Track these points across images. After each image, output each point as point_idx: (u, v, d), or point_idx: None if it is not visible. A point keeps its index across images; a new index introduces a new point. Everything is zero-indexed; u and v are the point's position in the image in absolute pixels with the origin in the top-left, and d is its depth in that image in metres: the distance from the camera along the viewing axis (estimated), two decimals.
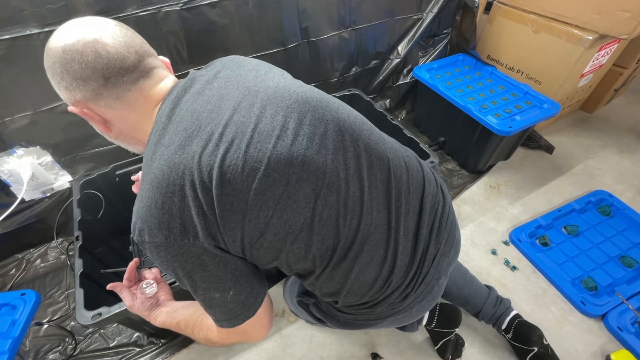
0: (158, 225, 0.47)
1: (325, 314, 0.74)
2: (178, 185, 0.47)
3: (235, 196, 0.47)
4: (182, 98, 0.53)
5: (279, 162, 0.48)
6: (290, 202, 0.50)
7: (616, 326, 1.08)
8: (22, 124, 1.03)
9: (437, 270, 0.65)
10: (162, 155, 0.48)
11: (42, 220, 1.25)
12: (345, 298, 0.62)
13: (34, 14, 0.88)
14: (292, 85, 0.57)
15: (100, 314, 0.79)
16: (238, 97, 0.52)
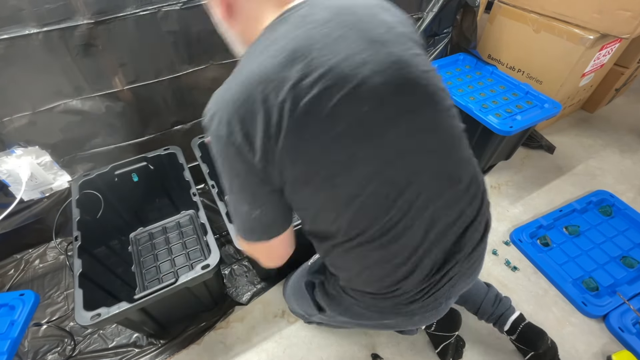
0: (227, 120, 0.49)
1: (329, 298, 0.74)
2: (262, 99, 0.47)
3: (303, 139, 0.49)
4: (307, 17, 0.51)
5: (357, 131, 0.50)
6: (352, 169, 0.51)
7: (617, 327, 1.08)
8: (21, 123, 1.03)
9: (450, 290, 0.65)
10: (263, 62, 0.49)
11: (40, 220, 1.25)
12: (352, 280, 0.64)
13: (33, 14, 0.88)
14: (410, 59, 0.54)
15: (99, 314, 0.79)
16: (355, 47, 0.50)
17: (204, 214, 1.00)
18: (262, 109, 0.47)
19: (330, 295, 0.73)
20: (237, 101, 0.49)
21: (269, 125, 0.48)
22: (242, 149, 0.49)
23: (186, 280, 0.85)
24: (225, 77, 1.45)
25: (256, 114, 0.48)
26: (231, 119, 0.49)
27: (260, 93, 0.47)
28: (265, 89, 0.47)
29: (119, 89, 1.10)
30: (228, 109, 0.49)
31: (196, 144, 1.22)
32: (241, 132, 0.49)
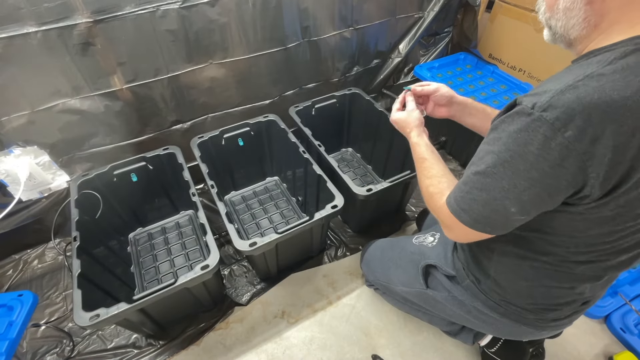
0: (585, 122, 0.42)
1: (457, 287, 0.78)
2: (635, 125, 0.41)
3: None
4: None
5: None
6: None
7: (619, 328, 1.08)
8: (20, 123, 1.03)
9: (580, 315, 0.72)
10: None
11: (39, 220, 1.25)
12: (511, 292, 0.67)
13: (32, 13, 0.88)
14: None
15: (98, 315, 0.79)
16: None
17: (203, 214, 1.00)
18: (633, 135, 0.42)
19: (464, 288, 0.77)
20: (622, 124, 0.42)
21: (636, 164, 0.43)
22: (587, 172, 0.44)
23: (185, 281, 0.85)
24: (225, 76, 1.45)
25: (631, 147, 0.42)
26: (602, 138, 0.42)
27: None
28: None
29: (118, 88, 1.10)
30: (605, 126, 0.42)
31: (195, 144, 1.22)
32: (603, 156, 0.43)
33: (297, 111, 1.35)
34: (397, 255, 0.98)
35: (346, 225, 1.41)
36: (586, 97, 0.42)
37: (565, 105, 0.43)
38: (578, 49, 0.53)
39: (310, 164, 1.17)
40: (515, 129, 0.47)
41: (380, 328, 1.12)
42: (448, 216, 0.58)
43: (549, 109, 0.43)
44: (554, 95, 0.44)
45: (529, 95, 0.47)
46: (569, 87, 0.44)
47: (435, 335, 1.10)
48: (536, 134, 0.45)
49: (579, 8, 0.49)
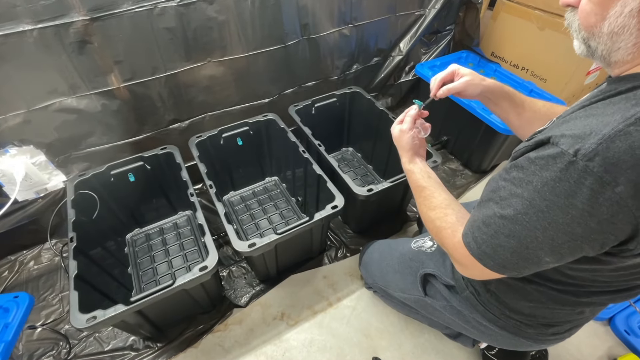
0: (630, 168, 0.37)
1: (455, 297, 0.77)
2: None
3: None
4: None
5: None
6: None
7: (623, 330, 1.08)
8: (15, 122, 1.03)
9: (580, 327, 0.72)
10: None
11: (35, 221, 1.25)
12: (515, 308, 0.67)
13: (27, 10, 0.88)
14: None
15: (95, 317, 0.79)
16: None
17: (201, 215, 1.00)
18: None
19: (463, 300, 0.76)
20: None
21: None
22: (638, 222, 0.40)
23: (183, 282, 0.85)
24: (223, 74, 1.45)
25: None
26: (627, 169, 0.38)
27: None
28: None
29: (115, 87, 1.10)
30: (624, 157, 0.38)
31: (194, 143, 1.22)
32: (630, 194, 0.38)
33: (296, 110, 1.35)
34: (396, 260, 0.97)
35: (346, 226, 1.41)
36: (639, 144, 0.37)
37: (616, 157, 0.38)
38: (618, 70, 0.47)
39: (310, 164, 1.17)
40: (552, 177, 0.42)
41: (381, 330, 1.12)
42: (465, 256, 0.54)
43: (596, 158, 0.38)
44: (601, 141, 0.39)
45: (567, 134, 0.42)
46: (619, 132, 0.38)
47: (437, 337, 1.10)
48: (581, 186, 0.40)
49: (631, 32, 0.42)
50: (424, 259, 0.87)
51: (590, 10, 0.44)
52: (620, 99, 0.43)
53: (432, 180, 0.69)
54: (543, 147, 0.45)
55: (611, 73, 0.48)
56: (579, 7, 0.46)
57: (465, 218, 0.58)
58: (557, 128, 0.45)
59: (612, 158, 0.38)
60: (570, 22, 0.50)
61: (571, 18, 0.49)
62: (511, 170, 0.48)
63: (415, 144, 0.75)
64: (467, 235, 0.54)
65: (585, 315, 0.66)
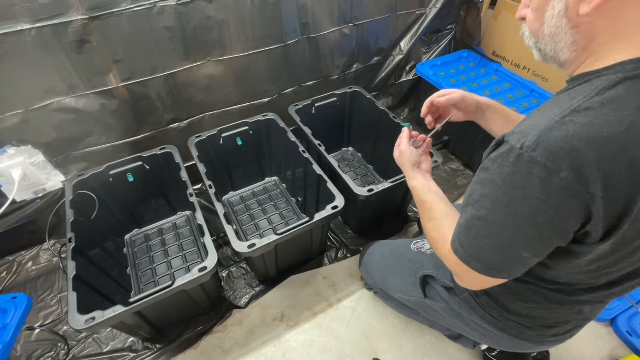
0: (578, 161, 0.40)
1: (454, 299, 0.78)
2: (636, 165, 0.40)
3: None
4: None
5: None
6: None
7: (625, 330, 1.08)
8: (13, 122, 1.03)
9: (582, 328, 0.73)
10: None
11: (33, 221, 1.25)
12: (513, 311, 0.67)
13: (25, 9, 0.88)
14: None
15: (93, 318, 0.79)
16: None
17: (200, 215, 1.00)
18: (632, 172, 0.41)
19: (462, 301, 0.76)
20: (614, 162, 0.40)
21: (633, 204, 0.42)
22: (590, 211, 0.43)
23: (183, 283, 0.85)
24: (222, 73, 1.45)
25: (630, 183, 0.41)
26: (599, 178, 0.40)
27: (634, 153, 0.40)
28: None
29: (114, 86, 1.10)
30: (601, 165, 0.40)
31: (193, 143, 1.22)
32: (603, 197, 0.41)
33: (296, 110, 1.35)
34: (395, 261, 0.98)
35: (346, 226, 1.41)
36: (574, 135, 0.41)
37: (554, 146, 0.41)
38: (569, 70, 0.51)
39: (310, 164, 1.17)
40: (507, 171, 0.45)
41: (381, 331, 1.12)
42: (457, 263, 0.56)
43: (538, 148, 0.42)
44: (540, 133, 0.42)
45: (515, 132, 0.46)
46: (555, 123, 0.42)
47: (437, 339, 1.10)
48: (531, 176, 0.43)
49: (565, 32, 0.47)
50: (424, 260, 0.88)
51: (532, 18, 0.51)
52: (563, 96, 0.47)
53: (432, 193, 0.71)
54: (500, 146, 0.48)
55: (566, 74, 0.52)
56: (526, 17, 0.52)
57: None
58: (513, 128, 0.49)
59: (552, 147, 0.41)
60: (524, 31, 0.55)
61: (524, 27, 0.54)
62: (479, 172, 0.51)
63: (414, 159, 0.79)
64: (454, 242, 0.56)
65: (585, 314, 0.66)
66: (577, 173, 0.41)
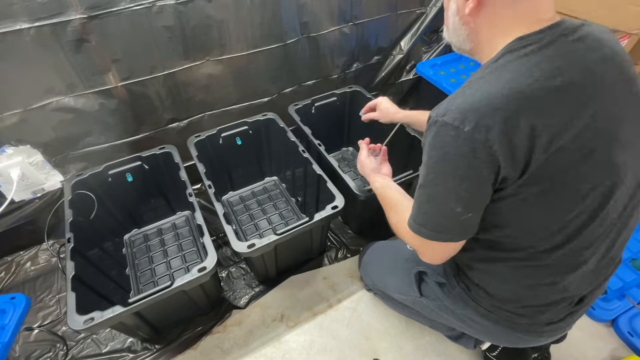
0: (489, 126, 0.49)
1: (451, 299, 0.78)
2: (539, 119, 0.49)
3: (563, 159, 0.51)
4: (568, 37, 0.53)
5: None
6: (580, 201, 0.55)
7: (627, 331, 1.08)
8: (12, 122, 1.03)
9: (578, 317, 0.72)
10: (523, 76, 0.50)
11: (32, 221, 1.25)
12: (498, 294, 0.68)
13: (24, 8, 0.88)
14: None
15: (92, 318, 0.79)
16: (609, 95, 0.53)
17: (200, 215, 1.00)
18: (519, 121, 0.49)
19: (454, 297, 0.77)
20: (508, 111, 0.49)
21: (525, 138, 0.50)
22: (480, 139, 0.50)
23: (182, 284, 0.85)
24: (222, 73, 1.45)
25: (513, 122, 0.49)
26: (480, 114, 0.50)
27: (535, 111, 0.49)
28: (524, 104, 0.49)
29: (113, 86, 1.10)
30: (477, 106, 0.50)
31: (192, 143, 1.22)
32: (506, 142, 0.50)
33: (296, 109, 1.35)
34: (392, 262, 0.98)
35: (347, 226, 1.41)
36: (470, 96, 0.52)
37: (458, 107, 0.52)
38: (477, 58, 0.63)
39: (310, 164, 1.17)
40: (430, 137, 0.56)
41: (382, 332, 1.12)
42: (414, 239, 0.64)
43: (447, 113, 0.53)
44: (448, 102, 0.54)
45: (434, 109, 0.56)
46: (458, 93, 0.54)
47: (438, 339, 1.10)
48: (445, 136, 0.53)
49: (460, 28, 0.61)
50: (418, 259, 0.88)
51: (445, 16, 0.64)
52: (471, 78, 0.57)
53: (392, 190, 0.81)
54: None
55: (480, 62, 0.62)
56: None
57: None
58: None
59: (456, 111, 0.52)
60: (443, 27, 0.68)
61: (444, 25, 0.67)
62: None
63: (373, 167, 0.93)
64: (409, 220, 0.65)
65: (570, 291, 0.65)
66: (477, 124, 0.50)
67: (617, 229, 0.61)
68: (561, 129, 0.50)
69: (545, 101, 0.50)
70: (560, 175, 0.53)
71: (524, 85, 0.50)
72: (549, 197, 0.54)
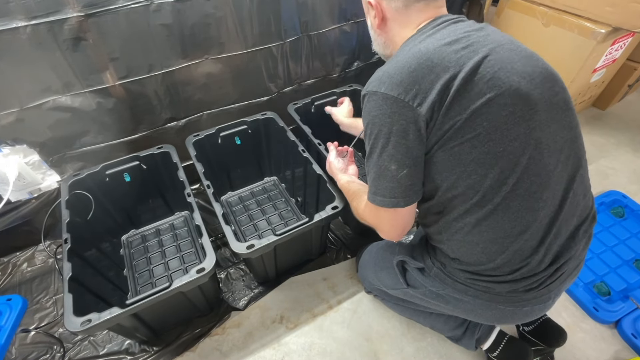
0: (399, 82, 0.61)
1: (431, 280, 0.80)
2: (437, 66, 0.60)
3: (468, 97, 0.59)
4: (448, 25, 0.68)
5: (513, 94, 0.60)
6: (505, 128, 0.60)
7: (630, 333, 1.08)
8: (8, 121, 1.03)
9: (559, 287, 0.72)
10: (431, 43, 0.63)
11: (29, 222, 1.25)
12: (470, 261, 0.70)
13: (21, 6, 0.88)
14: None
15: (89, 320, 0.79)
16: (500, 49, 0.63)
17: (199, 216, 1.00)
18: (438, 76, 0.60)
19: (433, 278, 0.79)
20: (411, 67, 0.61)
21: (444, 88, 0.59)
22: (410, 104, 0.60)
23: (180, 285, 0.85)
24: (221, 71, 1.45)
25: (432, 78, 0.60)
26: (403, 80, 0.61)
27: (433, 62, 0.60)
28: (439, 61, 0.60)
29: (110, 85, 1.10)
30: (400, 74, 0.61)
31: (191, 142, 1.22)
32: (414, 91, 0.60)
33: (296, 108, 1.36)
34: (381, 258, 1.00)
35: (347, 227, 1.41)
36: (385, 68, 0.66)
37: (377, 77, 0.65)
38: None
39: (310, 164, 1.17)
40: (363, 112, 0.68)
41: (382, 333, 1.12)
42: (370, 212, 0.75)
43: (370, 84, 0.66)
44: (369, 80, 0.67)
45: (365, 86, 0.68)
46: (378, 69, 0.67)
47: (439, 341, 1.10)
48: (370, 101, 0.65)
49: (377, 37, 0.78)
50: (394, 246, 0.94)
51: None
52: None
53: (355, 184, 0.92)
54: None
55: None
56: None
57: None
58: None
59: (375, 79, 0.65)
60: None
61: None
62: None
63: (341, 167, 1.01)
64: (368, 195, 0.72)
65: (539, 246, 0.65)
66: (391, 84, 0.62)
67: (570, 168, 0.66)
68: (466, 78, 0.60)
69: (448, 60, 0.60)
70: (483, 120, 0.60)
71: (431, 50, 0.62)
72: (478, 138, 0.60)
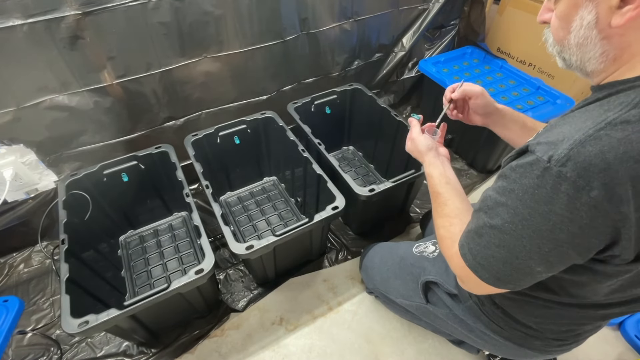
0: (602, 172, 0.39)
1: (458, 306, 0.77)
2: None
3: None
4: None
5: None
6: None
7: (634, 335, 1.08)
8: (4, 120, 1.03)
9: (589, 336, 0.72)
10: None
11: (25, 222, 1.25)
12: (522, 318, 0.66)
13: (17, 4, 0.88)
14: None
15: (87, 322, 0.79)
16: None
17: (197, 216, 1.00)
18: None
19: (465, 309, 0.76)
20: (632, 157, 0.39)
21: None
22: (618, 225, 0.42)
23: (179, 286, 0.85)
24: (220, 70, 1.45)
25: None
26: (628, 193, 0.40)
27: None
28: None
29: (108, 84, 1.10)
30: (629, 177, 0.39)
31: (189, 142, 1.22)
32: (630, 209, 0.40)
33: (295, 108, 1.36)
34: (397, 265, 0.97)
35: (347, 227, 1.41)
36: (610, 151, 0.39)
37: (587, 161, 0.40)
38: (596, 80, 0.50)
39: (310, 163, 1.17)
40: (531, 183, 0.44)
41: (383, 335, 1.12)
42: (463, 268, 0.55)
43: (568, 163, 0.40)
44: (572, 147, 0.41)
45: (542, 142, 0.44)
46: (589, 137, 0.40)
47: (441, 343, 1.10)
48: (557, 192, 0.42)
49: (594, 43, 0.46)
50: (426, 265, 0.87)
51: (557, 25, 0.49)
52: (595, 106, 0.45)
53: (449, 186, 0.68)
54: (523, 155, 0.47)
55: (592, 82, 0.51)
56: (551, 23, 0.52)
57: None
58: (537, 137, 0.47)
59: (584, 162, 0.40)
60: (547, 37, 0.54)
61: (547, 34, 0.54)
62: (497, 179, 0.51)
63: (430, 144, 0.76)
64: (463, 246, 0.55)
65: (597, 324, 0.66)
66: (609, 192, 0.39)
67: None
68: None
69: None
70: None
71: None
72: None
